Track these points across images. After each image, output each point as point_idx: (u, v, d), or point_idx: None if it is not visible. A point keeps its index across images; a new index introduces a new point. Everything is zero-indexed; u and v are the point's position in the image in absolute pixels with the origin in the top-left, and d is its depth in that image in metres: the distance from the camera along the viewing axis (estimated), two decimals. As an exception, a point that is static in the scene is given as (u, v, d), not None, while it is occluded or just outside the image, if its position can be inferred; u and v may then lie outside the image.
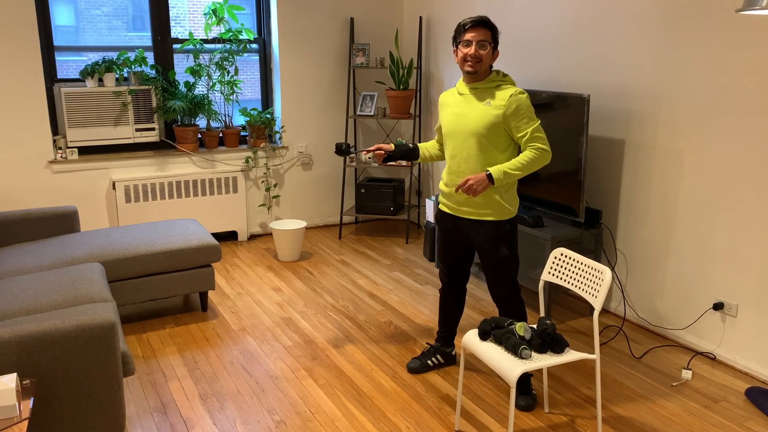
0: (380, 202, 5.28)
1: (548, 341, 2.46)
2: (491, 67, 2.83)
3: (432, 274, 4.56)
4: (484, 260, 2.91)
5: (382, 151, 3.08)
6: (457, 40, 2.82)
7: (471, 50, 2.75)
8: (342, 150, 3.11)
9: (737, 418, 2.84)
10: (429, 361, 3.23)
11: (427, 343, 3.37)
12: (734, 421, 2.81)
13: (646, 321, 3.72)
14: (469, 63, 2.77)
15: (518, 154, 2.83)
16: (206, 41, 5.01)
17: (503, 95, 2.75)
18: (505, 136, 2.79)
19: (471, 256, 3.06)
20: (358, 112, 5.36)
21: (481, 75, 2.80)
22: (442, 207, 3.01)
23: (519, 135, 2.76)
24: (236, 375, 3.19)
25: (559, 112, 3.65)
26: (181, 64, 5.02)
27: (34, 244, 3.64)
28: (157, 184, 4.82)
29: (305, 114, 5.43)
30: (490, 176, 2.71)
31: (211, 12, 4.90)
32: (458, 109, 2.86)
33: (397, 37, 5.37)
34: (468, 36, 2.76)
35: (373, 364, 3.30)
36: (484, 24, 2.75)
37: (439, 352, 3.24)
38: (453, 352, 3.27)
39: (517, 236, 2.92)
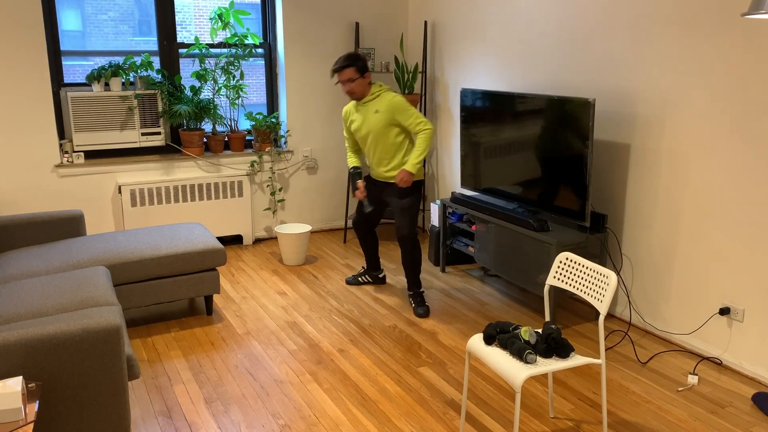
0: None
1: (553, 346, 2.45)
2: (370, 83, 3.87)
3: (437, 279, 4.56)
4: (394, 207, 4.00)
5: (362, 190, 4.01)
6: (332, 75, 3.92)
7: (344, 89, 3.84)
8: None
9: (744, 423, 2.82)
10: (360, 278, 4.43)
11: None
12: (741, 427, 2.79)
13: (652, 326, 3.70)
14: (349, 96, 3.88)
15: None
16: (212, 46, 5.03)
17: (383, 102, 3.82)
18: (396, 129, 3.86)
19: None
20: (363, 117, 5.36)
21: (362, 96, 3.87)
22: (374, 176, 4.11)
23: (408, 125, 3.82)
24: (241, 379, 3.19)
25: (565, 116, 3.65)
26: (187, 69, 5.04)
27: (40, 248, 3.66)
28: (162, 188, 4.84)
29: (310, 118, 5.44)
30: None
31: (216, 17, 4.92)
32: (361, 119, 3.91)
33: (402, 41, 5.38)
34: (338, 78, 3.82)
35: (378, 368, 3.30)
36: (344, 66, 3.76)
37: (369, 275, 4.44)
38: (381, 275, 4.42)
39: (420, 197, 3.98)
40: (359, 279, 4.41)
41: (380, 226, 5.91)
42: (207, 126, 5.14)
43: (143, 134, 4.81)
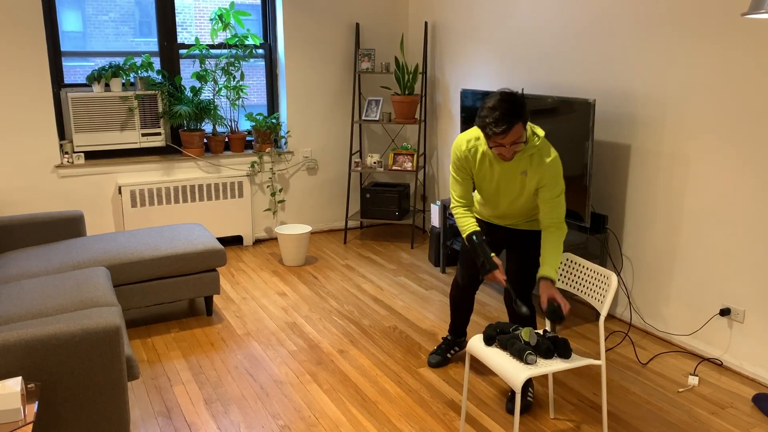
0: (385, 207, 5.28)
1: (553, 347, 2.45)
2: None
3: (437, 279, 4.56)
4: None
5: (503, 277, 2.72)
6: (486, 133, 2.51)
7: (506, 153, 2.55)
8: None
9: (744, 424, 2.82)
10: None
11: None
12: (741, 428, 2.79)
13: (652, 327, 3.70)
14: (502, 159, 2.61)
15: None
16: (212, 46, 5.03)
17: (539, 164, 2.61)
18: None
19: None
20: (363, 117, 5.37)
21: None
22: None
23: (546, 198, 2.64)
24: (241, 380, 3.19)
25: (565, 117, 3.65)
26: (188, 70, 5.04)
27: (40, 249, 3.66)
28: (162, 188, 4.84)
29: (311, 119, 5.44)
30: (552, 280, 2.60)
31: (217, 17, 4.92)
32: (495, 175, 2.72)
33: (402, 42, 5.38)
34: (500, 140, 2.49)
35: (378, 369, 3.29)
36: (514, 122, 2.43)
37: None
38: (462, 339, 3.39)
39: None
40: (448, 356, 3.33)
41: (374, 228, 5.91)
42: (207, 127, 5.14)
43: (143, 135, 4.81)
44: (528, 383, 2.97)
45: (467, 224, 2.78)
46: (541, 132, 2.64)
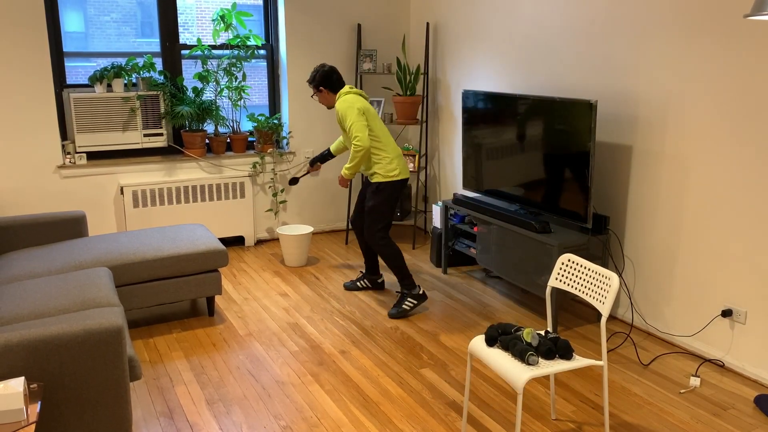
0: (387, 208, 5.28)
1: (555, 348, 2.45)
2: (338, 92, 3.96)
3: (439, 280, 4.56)
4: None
5: (316, 165, 4.42)
6: None
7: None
8: (293, 181, 4.51)
9: (746, 426, 2.82)
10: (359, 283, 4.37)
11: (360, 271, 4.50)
12: (743, 429, 2.79)
13: (654, 327, 3.70)
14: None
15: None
16: (214, 47, 5.04)
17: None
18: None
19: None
20: (365, 118, 5.36)
21: (331, 106, 4.05)
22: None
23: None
24: (243, 380, 3.19)
25: (567, 118, 3.65)
26: (190, 70, 5.04)
27: (43, 249, 3.66)
28: (164, 189, 4.84)
29: (312, 120, 5.45)
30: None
31: (219, 18, 4.93)
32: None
33: (404, 43, 5.38)
34: None
35: (380, 369, 3.30)
36: (310, 84, 4.00)
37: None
38: (379, 280, 4.36)
39: (389, 197, 3.95)
40: (357, 284, 4.35)
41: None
42: (209, 127, 5.14)
43: (145, 135, 4.81)
44: (409, 295, 3.95)
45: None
46: (345, 91, 3.92)
